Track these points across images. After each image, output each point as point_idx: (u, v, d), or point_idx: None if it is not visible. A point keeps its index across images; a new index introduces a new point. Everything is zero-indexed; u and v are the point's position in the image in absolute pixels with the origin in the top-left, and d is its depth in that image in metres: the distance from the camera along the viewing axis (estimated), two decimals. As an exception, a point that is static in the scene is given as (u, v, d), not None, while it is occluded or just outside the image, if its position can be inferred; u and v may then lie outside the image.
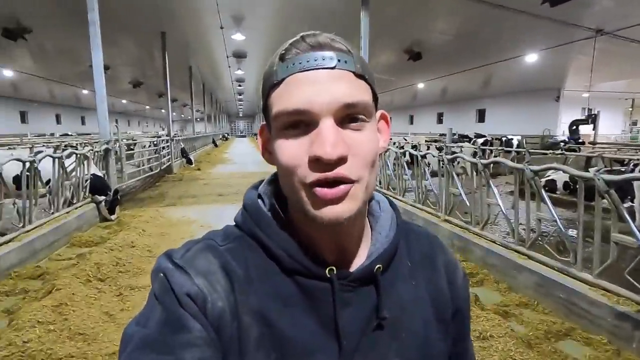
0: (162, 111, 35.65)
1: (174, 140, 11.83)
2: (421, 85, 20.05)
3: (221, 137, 27.29)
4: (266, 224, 0.46)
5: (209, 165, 13.67)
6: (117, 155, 6.68)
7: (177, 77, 16.46)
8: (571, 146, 10.61)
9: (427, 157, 5.32)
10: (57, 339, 2.28)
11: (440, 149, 5.44)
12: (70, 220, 4.62)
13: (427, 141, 10.35)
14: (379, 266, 0.46)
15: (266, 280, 0.44)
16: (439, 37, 11.43)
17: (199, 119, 34.34)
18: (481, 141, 11.33)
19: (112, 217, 5.42)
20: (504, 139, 12.97)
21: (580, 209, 2.85)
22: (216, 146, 23.98)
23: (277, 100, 0.42)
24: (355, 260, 0.48)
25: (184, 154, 12.71)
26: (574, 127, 14.35)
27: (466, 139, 12.56)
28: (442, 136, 13.64)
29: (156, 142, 10.73)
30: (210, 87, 25.24)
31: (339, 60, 0.41)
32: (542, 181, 3.98)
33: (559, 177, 6.33)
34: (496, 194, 3.69)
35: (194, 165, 12.63)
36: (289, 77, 0.41)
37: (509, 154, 9.23)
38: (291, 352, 0.42)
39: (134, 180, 8.18)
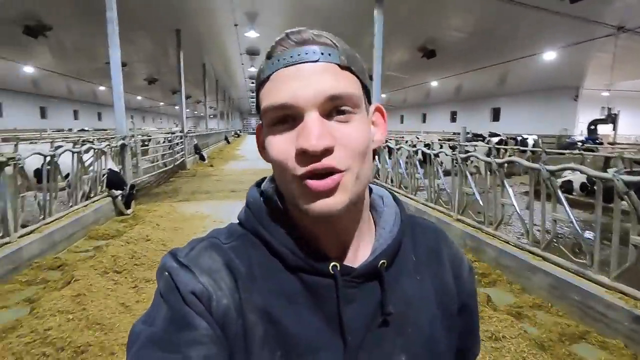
0: (176, 108, 36.11)
1: (187, 136, 11.99)
2: (435, 83, 19.83)
3: (233, 133, 27.54)
4: (268, 221, 0.47)
5: (222, 161, 13.81)
6: (132, 150, 6.82)
7: (191, 74, 16.65)
8: (589, 146, 10.34)
9: (440, 156, 5.28)
10: (75, 327, 2.36)
11: (453, 148, 5.38)
12: (87, 213, 4.74)
13: (440, 140, 10.24)
14: (383, 262, 0.46)
15: (270, 277, 0.44)
16: (454, 35, 11.28)
17: (212, 116, 34.65)
18: (495, 140, 11.13)
19: (128, 211, 5.55)
20: (519, 138, 12.72)
21: (598, 210, 2.79)
22: (228, 143, 24.19)
23: (265, 96, 0.43)
24: (359, 256, 0.47)
25: (197, 150, 12.87)
26: (593, 127, 13.99)
27: (480, 138, 12.37)
28: (456, 135, 13.47)
29: (170, 138, 10.90)
30: (223, 84, 25.48)
31: (322, 53, 0.41)
32: (558, 182, 3.89)
33: (575, 178, 6.19)
34: (511, 194, 3.63)
35: (206, 161, 12.78)
36: (275, 73, 0.42)
37: (524, 153, 9.06)
38: (296, 349, 0.42)
39: (149, 175, 8.34)
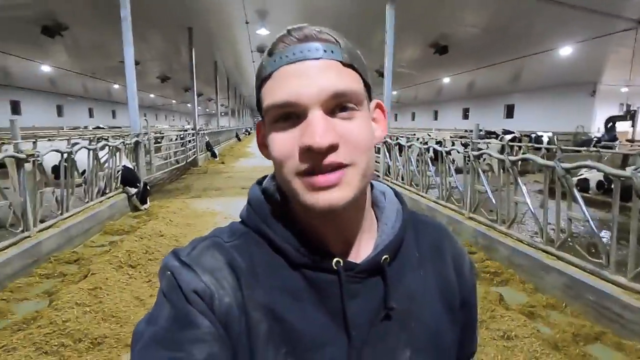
0: (188, 105, 36.50)
1: (199, 134, 12.12)
2: (447, 79, 19.56)
3: (244, 131, 27.71)
4: (271, 218, 0.47)
5: (233, 158, 13.93)
6: (146, 148, 6.93)
7: (202, 71, 16.81)
8: (606, 144, 10.08)
9: (451, 153, 5.22)
10: (92, 319, 2.42)
11: (465, 145, 5.31)
12: (103, 209, 4.85)
13: (452, 137, 10.12)
14: (385, 257, 0.46)
15: (273, 274, 0.44)
16: (467, 30, 11.10)
17: (223, 114, 34.93)
18: (509, 138, 10.93)
19: (144, 206, 5.67)
20: (533, 135, 12.48)
21: (615, 209, 2.72)
22: (239, 140, 24.37)
23: (267, 94, 0.43)
24: (362, 251, 0.48)
25: (209, 147, 13.01)
26: (611, 124, 13.63)
27: (493, 135, 12.17)
28: (468, 132, 13.28)
29: (182, 136, 11.04)
30: (234, 82, 25.62)
31: (325, 50, 0.41)
32: (574, 180, 3.82)
33: (592, 176, 6.05)
34: (524, 192, 3.58)
35: (218, 158, 12.91)
36: (277, 70, 0.42)
37: (538, 151, 8.88)
38: (301, 345, 0.42)
39: (162, 172, 8.47)
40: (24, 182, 3.53)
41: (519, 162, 3.74)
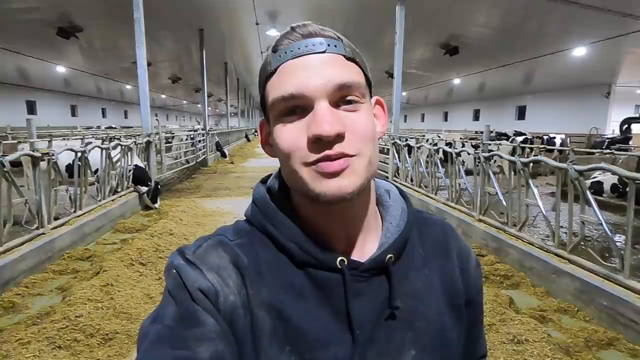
0: (198, 106, 36.84)
1: (209, 134, 12.24)
2: (457, 80, 19.37)
3: (254, 131, 27.84)
4: (275, 217, 0.47)
5: (242, 159, 14.03)
6: (157, 147, 7.03)
7: (213, 72, 16.96)
8: (621, 146, 9.87)
9: (461, 155, 5.17)
10: (104, 315, 2.47)
11: (476, 147, 5.26)
12: (115, 207, 4.93)
13: (462, 139, 10.02)
14: (390, 256, 0.46)
15: (278, 273, 0.45)
16: (478, 31, 10.98)
17: (232, 114, 35.21)
18: (520, 139, 10.79)
19: (156, 205, 5.75)
20: (545, 137, 12.28)
21: (630, 212, 2.67)
22: (249, 141, 24.50)
23: (272, 89, 0.43)
24: (366, 250, 0.48)
25: (219, 147, 13.11)
26: (626, 126, 13.32)
27: (504, 137, 12.01)
28: (478, 133, 13.14)
29: (192, 136, 11.16)
30: (244, 83, 25.78)
31: (328, 45, 0.42)
32: (587, 183, 3.75)
33: (606, 179, 5.94)
34: (536, 195, 3.53)
35: (227, 158, 13.01)
36: (282, 65, 0.42)
37: (550, 153, 8.75)
38: (305, 344, 0.42)
39: (172, 172, 8.57)
40: (39, 180, 3.62)
41: (531, 164, 3.69)
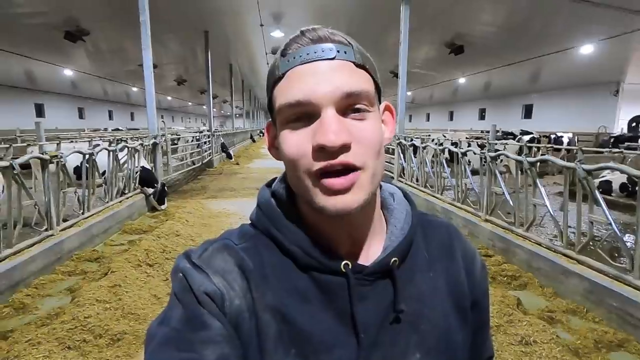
0: (204, 107, 37.10)
1: (214, 135, 12.30)
2: (462, 79, 19.25)
3: (259, 132, 27.94)
4: (279, 221, 0.47)
5: (247, 159, 14.07)
6: (163, 149, 7.08)
7: (218, 74, 17.06)
8: (630, 144, 9.74)
9: (467, 155, 5.14)
10: (112, 316, 2.49)
11: (482, 146, 5.23)
12: (122, 209, 4.98)
13: (467, 138, 9.96)
14: (394, 259, 0.46)
15: (282, 277, 0.45)
16: (484, 29, 10.90)
17: (238, 115, 35.34)
18: (527, 138, 10.69)
19: (162, 207, 5.80)
20: (552, 136, 12.16)
21: (639, 212, 2.64)
22: (254, 141, 24.58)
23: (279, 94, 0.43)
24: (370, 253, 0.48)
25: (224, 148, 13.17)
26: (634, 124, 13.16)
27: (511, 136, 11.91)
28: (484, 133, 13.05)
29: (198, 137, 11.22)
30: (249, 84, 25.89)
31: (338, 51, 0.42)
32: (596, 182, 3.70)
33: (615, 178, 5.87)
34: (543, 194, 3.49)
35: (233, 159, 13.06)
36: (290, 70, 0.42)
37: (558, 152, 8.66)
38: (310, 347, 0.42)
39: (178, 173, 8.63)
40: (48, 183, 3.66)
41: (538, 163, 3.65)
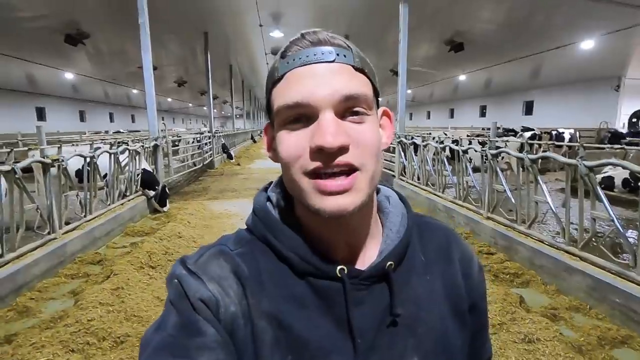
0: (204, 108, 37.15)
1: (215, 136, 12.30)
2: (463, 77, 19.21)
3: (259, 133, 27.97)
4: (275, 226, 0.47)
5: (248, 160, 14.09)
6: (164, 151, 7.09)
7: (218, 75, 17.07)
8: (632, 140, 9.69)
9: (468, 152, 5.13)
10: (115, 319, 2.50)
11: (483, 144, 5.22)
12: (124, 211, 4.99)
13: (468, 136, 9.93)
14: (390, 263, 0.46)
15: (278, 283, 0.45)
16: (483, 27, 10.87)
17: (238, 116, 35.39)
18: (528, 135, 10.65)
19: (165, 208, 5.81)
20: (554, 132, 12.11)
21: (642, 208, 2.63)
22: (255, 142, 24.60)
23: (278, 95, 0.43)
24: (366, 258, 0.47)
25: (225, 149, 13.19)
26: (635, 119, 13.10)
27: (512, 133, 11.87)
28: (485, 130, 13.02)
29: (199, 139, 11.23)
30: (249, 84, 25.89)
31: (337, 54, 0.42)
32: (598, 178, 3.69)
33: (617, 174, 5.85)
34: (545, 191, 3.48)
35: (234, 160, 13.07)
36: (289, 72, 0.42)
37: (559, 148, 8.63)
38: (307, 353, 0.42)
39: (179, 174, 8.64)
40: (49, 186, 3.67)
41: (539, 160, 3.64)
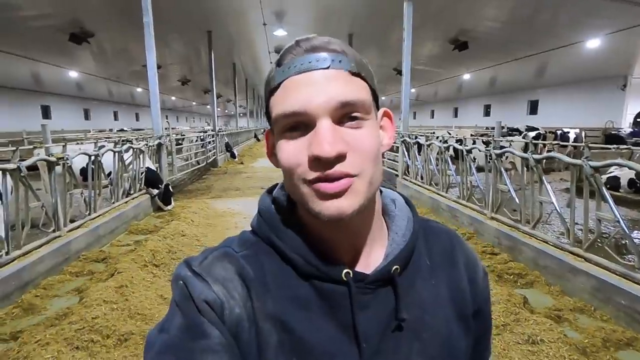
0: (208, 107, 37.21)
1: (218, 135, 12.33)
2: (467, 76, 19.12)
3: (263, 131, 27.99)
4: (280, 228, 0.47)
5: (251, 159, 14.11)
6: (168, 149, 7.12)
7: (222, 73, 17.08)
8: (637, 140, 9.61)
9: (472, 152, 5.11)
10: (119, 317, 2.51)
11: (487, 143, 5.19)
12: (128, 209, 5.01)
13: (472, 135, 9.89)
14: (396, 267, 0.46)
15: (283, 285, 0.44)
16: (488, 25, 10.81)
17: (241, 114, 35.49)
18: (533, 134, 10.58)
19: (169, 207, 5.84)
20: (558, 132, 12.03)
21: (648, 209, 2.60)
22: (258, 140, 24.64)
23: (275, 104, 0.43)
24: (372, 261, 0.47)
25: (228, 148, 13.20)
26: (639, 119, 12.98)
27: (516, 132, 11.80)
28: (490, 129, 12.96)
29: (202, 137, 11.26)
30: (252, 83, 25.91)
31: (332, 60, 0.42)
32: (604, 178, 3.66)
33: (623, 174, 5.80)
34: (550, 191, 3.46)
35: (237, 159, 13.09)
36: (286, 80, 0.42)
37: (564, 148, 8.58)
38: (311, 356, 0.42)
39: (183, 173, 8.67)
40: (54, 184, 3.70)
41: (544, 160, 3.62)
